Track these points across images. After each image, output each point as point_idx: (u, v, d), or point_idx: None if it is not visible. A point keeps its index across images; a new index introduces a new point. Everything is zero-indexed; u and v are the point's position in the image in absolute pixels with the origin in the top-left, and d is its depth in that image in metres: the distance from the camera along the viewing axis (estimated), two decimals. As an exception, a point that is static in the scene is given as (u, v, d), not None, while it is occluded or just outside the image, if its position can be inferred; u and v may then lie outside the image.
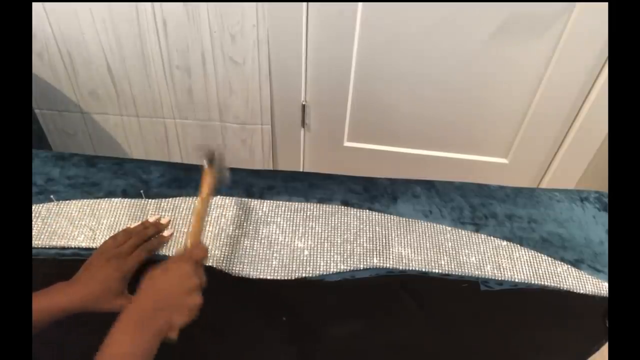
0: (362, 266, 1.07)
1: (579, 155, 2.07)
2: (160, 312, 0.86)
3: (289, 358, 1.34)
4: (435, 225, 1.15)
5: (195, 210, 1.02)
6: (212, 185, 1.06)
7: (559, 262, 1.11)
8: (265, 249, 1.09)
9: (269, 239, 1.11)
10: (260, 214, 1.15)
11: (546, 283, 1.07)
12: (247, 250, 1.09)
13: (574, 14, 1.67)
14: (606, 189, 1.23)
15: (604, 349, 1.26)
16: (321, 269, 1.07)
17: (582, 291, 1.07)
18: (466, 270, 1.08)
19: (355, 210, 1.17)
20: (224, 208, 1.15)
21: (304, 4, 1.74)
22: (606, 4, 1.61)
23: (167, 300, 0.88)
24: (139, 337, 0.82)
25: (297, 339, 1.28)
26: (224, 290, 1.14)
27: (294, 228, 1.13)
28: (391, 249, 1.10)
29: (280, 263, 1.07)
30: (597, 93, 1.84)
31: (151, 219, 1.10)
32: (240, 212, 1.15)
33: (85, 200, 1.15)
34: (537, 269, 1.09)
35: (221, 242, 1.09)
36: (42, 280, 0.98)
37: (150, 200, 1.16)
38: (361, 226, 1.14)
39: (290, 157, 2.28)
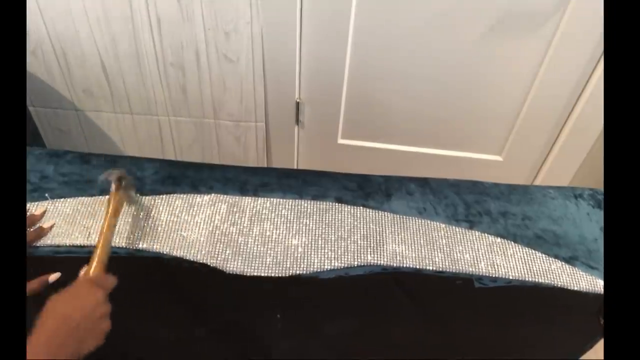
0: (356, 263, 1.07)
1: (573, 153, 2.08)
2: (70, 338, 0.84)
3: (283, 355, 1.35)
4: (429, 222, 1.16)
5: (102, 236, 1.00)
6: (117, 208, 1.05)
7: (553, 259, 1.11)
8: (259, 246, 1.09)
9: (263, 236, 1.11)
10: (254, 211, 1.15)
11: (540, 280, 1.08)
12: (241, 247, 1.09)
13: (567, 12, 1.67)
14: (600, 186, 1.24)
15: (598, 346, 1.27)
16: (315, 266, 1.07)
17: (576, 288, 1.08)
18: (460, 267, 1.08)
19: (349, 207, 1.17)
20: (217, 205, 1.15)
21: (298, 1, 1.73)
22: (599, 1, 1.62)
23: (78, 327, 0.85)
24: None
25: (291, 336, 1.28)
26: (218, 287, 1.14)
27: (288, 225, 1.13)
28: (385, 246, 1.10)
29: (274, 260, 1.07)
30: (591, 90, 1.84)
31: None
32: (235, 209, 1.15)
33: (79, 198, 1.15)
34: (531, 266, 1.10)
35: (215, 239, 1.09)
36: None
37: (145, 198, 1.16)
38: (355, 223, 1.14)
39: (284, 155, 2.28)
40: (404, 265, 1.07)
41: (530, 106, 1.95)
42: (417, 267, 1.08)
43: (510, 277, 1.08)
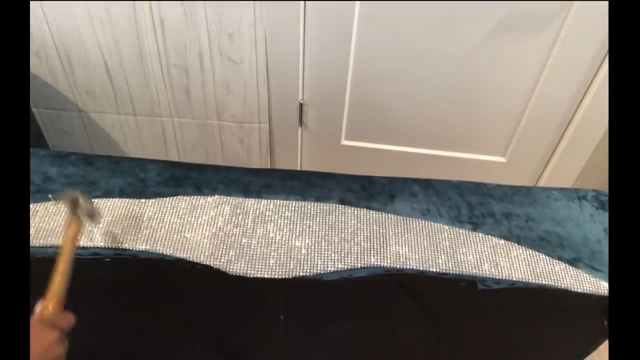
0: (359, 265, 1.07)
1: (577, 154, 2.07)
2: None
3: (286, 357, 1.34)
4: (432, 224, 1.15)
5: (58, 268, 0.92)
6: (75, 236, 0.98)
7: (557, 261, 1.11)
8: (262, 248, 1.09)
9: (267, 237, 1.11)
10: (257, 212, 1.15)
11: (544, 282, 1.07)
12: (245, 249, 1.09)
13: (571, 12, 1.67)
14: (604, 187, 1.23)
15: (602, 348, 1.26)
16: (318, 268, 1.07)
17: (579, 290, 1.07)
18: (464, 269, 1.08)
19: (352, 208, 1.17)
20: (221, 206, 1.15)
21: (302, 2, 1.73)
22: (603, 2, 1.61)
23: None
24: None
25: (295, 337, 1.28)
26: (222, 289, 1.14)
27: (292, 227, 1.13)
28: (389, 248, 1.10)
29: (278, 262, 1.07)
30: (594, 91, 1.84)
31: None
32: (238, 211, 1.15)
33: (82, 199, 1.15)
34: (534, 267, 1.09)
35: (218, 241, 1.09)
36: (39, 280, 0.98)
37: (148, 200, 1.16)
38: (358, 225, 1.14)
39: (288, 156, 2.28)
40: (408, 267, 1.07)
41: (533, 107, 1.95)
42: (421, 268, 1.07)
43: (514, 279, 1.07)
